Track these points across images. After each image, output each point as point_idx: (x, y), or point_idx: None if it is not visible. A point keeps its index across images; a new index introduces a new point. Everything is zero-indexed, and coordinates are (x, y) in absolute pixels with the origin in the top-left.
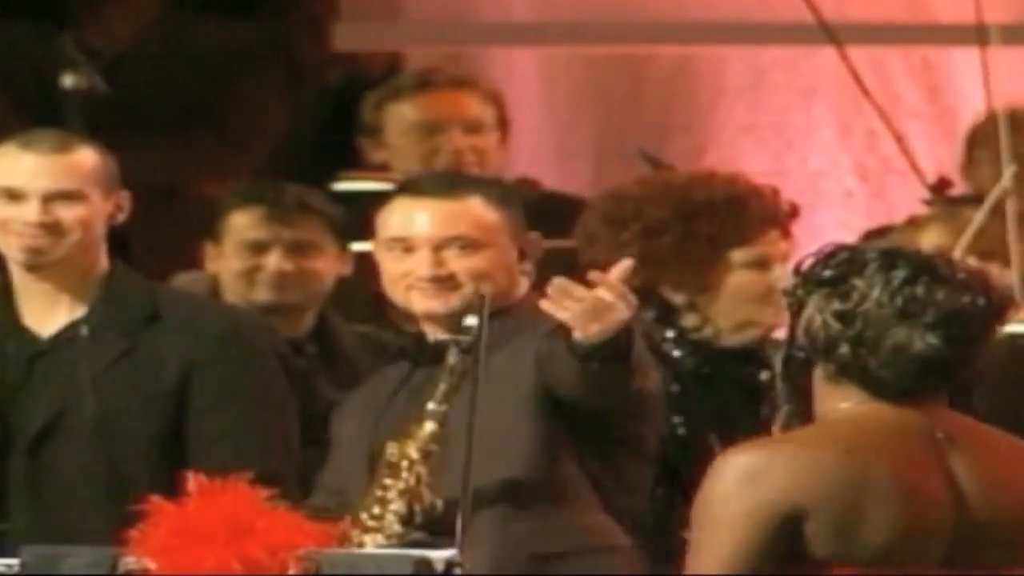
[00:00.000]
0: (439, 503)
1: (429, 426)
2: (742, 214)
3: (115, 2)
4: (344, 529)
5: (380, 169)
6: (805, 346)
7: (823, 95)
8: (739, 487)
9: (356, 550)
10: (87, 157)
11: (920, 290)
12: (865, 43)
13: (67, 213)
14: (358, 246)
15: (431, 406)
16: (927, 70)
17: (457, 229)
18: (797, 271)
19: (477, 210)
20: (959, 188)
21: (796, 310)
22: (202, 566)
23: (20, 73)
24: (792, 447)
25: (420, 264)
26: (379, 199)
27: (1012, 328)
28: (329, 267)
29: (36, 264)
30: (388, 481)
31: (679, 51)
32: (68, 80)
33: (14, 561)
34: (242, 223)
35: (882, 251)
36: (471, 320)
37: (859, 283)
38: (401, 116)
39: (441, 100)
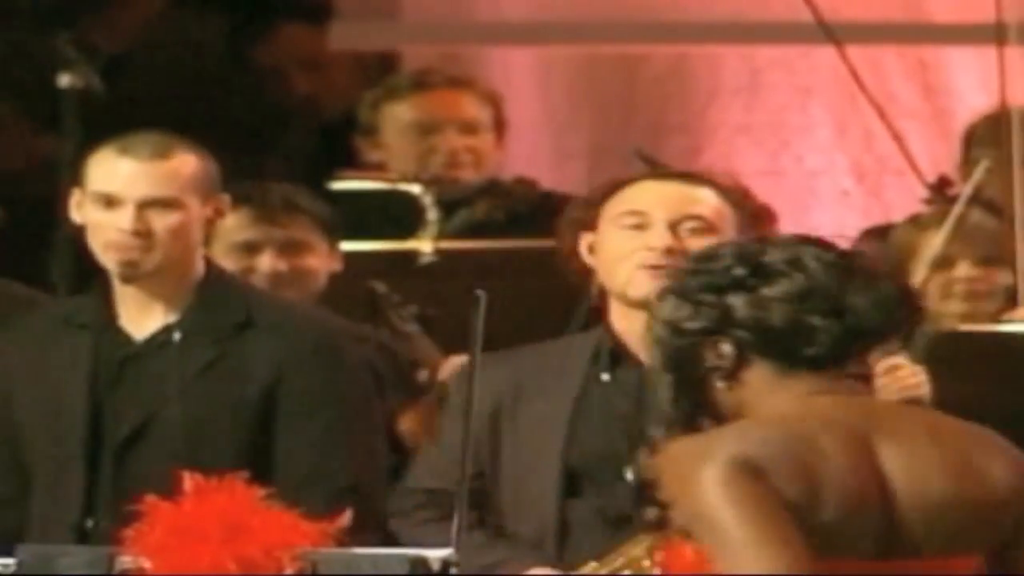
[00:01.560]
0: None
1: None
2: None
3: (117, 1)
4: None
5: (377, 168)
6: (753, 342)
7: (819, 95)
8: (703, 472)
9: (353, 549)
10: (186, 163)
11: (831, 255)
12: (864, 42)
13: (160, 221)
14: (356, 245)
15: None
16: (923, 69)
17: (695, 209)
18: (681, 294)
19: (713, 199)
20: (957, 187)
21: (718, 325)
22: (198, 565)
23: (19, 71)
24: (736, 428)
25: (655, 237)
26: (376, 199)
27: (1009, 327)
28: (321, 264)
29: (131, 276)
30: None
31: (675, 50)
32: (65, 79)
33: (10, 560)
34: (230, 225)
35: (756, 239)
36: None
37: (778, 262)
38: (397, 116)
39: (437, 100)
